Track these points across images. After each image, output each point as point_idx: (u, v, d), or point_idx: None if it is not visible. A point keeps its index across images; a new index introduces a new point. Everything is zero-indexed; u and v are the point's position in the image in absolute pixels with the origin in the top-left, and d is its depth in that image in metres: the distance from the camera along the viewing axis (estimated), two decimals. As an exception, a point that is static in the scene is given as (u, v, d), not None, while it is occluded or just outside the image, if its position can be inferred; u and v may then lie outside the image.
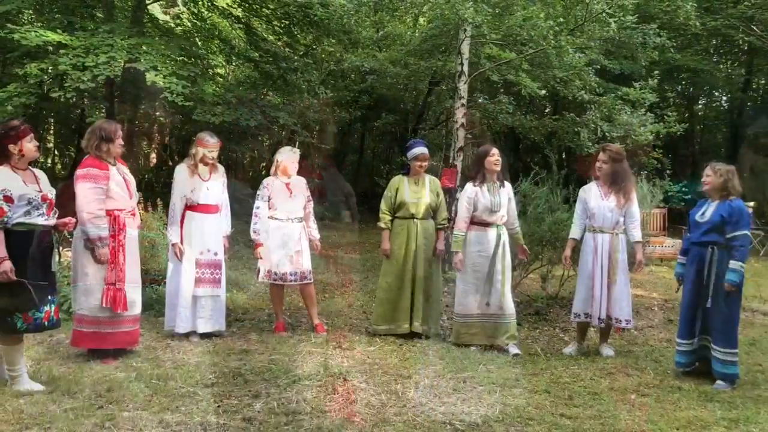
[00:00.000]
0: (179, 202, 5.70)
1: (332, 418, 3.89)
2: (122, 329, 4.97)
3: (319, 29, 13.38)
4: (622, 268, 5.51)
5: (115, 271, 4.83)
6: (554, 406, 4.23)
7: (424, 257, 5.98)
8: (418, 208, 6.00)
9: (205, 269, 5.72)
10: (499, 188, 5.75)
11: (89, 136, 4.91)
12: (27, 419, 3.71)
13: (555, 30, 8.16)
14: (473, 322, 5.72)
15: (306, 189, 6.23)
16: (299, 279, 6.05)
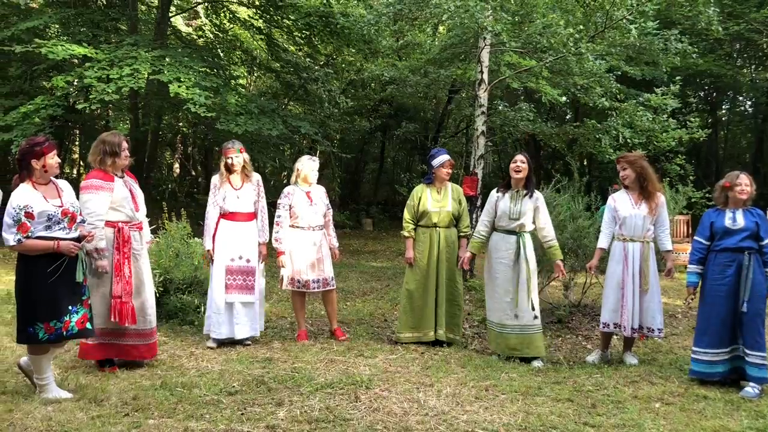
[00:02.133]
0: (212, 210, 5.83)
1: (355, 426, 3.90)
2: (129, 342, 4.99)
3: (339, 39, 13.52)
4: (654, 277, 5.46)
5: (121, 284, 4.86)
6: (577, 414, 4.20)
7: (447, 265, 6.00)
8: (441, 217, 6.02)
9: (237, 276, 5.79)
10: (524, 197, 5.66)
11: (93, 151, 4.94)
12: (55, 426, 3.77)
13: (575, 37, 8.14)
14: (499, 331, 5.67)
15: (326, 197, 6.30)
16: (322, 286, 6.12)
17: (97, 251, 4.71)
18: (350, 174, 22.03)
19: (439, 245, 6.00)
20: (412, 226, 6.13)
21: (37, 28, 11.09)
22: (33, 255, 4.14)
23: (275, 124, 11.40)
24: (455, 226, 6.12)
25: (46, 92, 10.72)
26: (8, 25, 11.02)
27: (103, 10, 13.19)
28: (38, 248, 4.13)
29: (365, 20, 9.91)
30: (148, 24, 14.53)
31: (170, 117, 16.99)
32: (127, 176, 5.08)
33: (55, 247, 4.15)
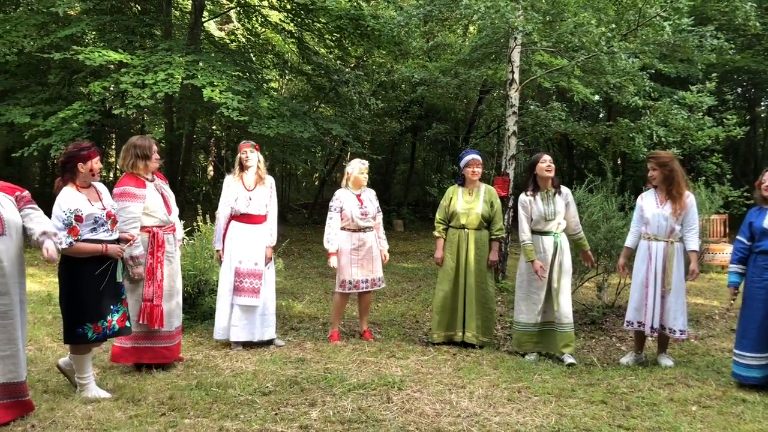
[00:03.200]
0: (224, 211, 5.87)
1: (387, 427, 3.92)
2: (161, 344, 5.07)
3: (369, 41, 13.57)
4: (678, 278, 5.37)
5: (153, 287, 4.93)
6: (611, 417, 4.17)
7: (477, 267, 5.99)
8: (469, 219, 6.02)
9: (245, 278, 5.82)
10: (554, 196, 5.71)
11: (124, 155, 4.99)
12: (95, 425, 3.86)
13: (607, 36, 8.05)
14: (532, 330, 5.73)
15: (376, 200, 6.35)
16: (370, 285, 6.19)
17: (132, 259, 4.78)
18: (381, 175, 22.06)
19: (468, 247, 5.99)
20: (443, 227, 6.16)
21: (75, 35, 11.34)
22: (80, 258, 4.25)
23: (307, 127, 11.49)
24: (487, 229, 6.12)
25: (83, 98, 10.95)
26: (48, 33, 11.29)
27: (138, 17, 13.42)
28: (87, 251, 4.24)
29: (395, 22, 9.94)
30: (181, 29, 14.74)
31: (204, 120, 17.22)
32: (157, 178, 5.15)
33: (104, 250, 4.26)
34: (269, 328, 5.94)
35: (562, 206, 5.70)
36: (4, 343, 3.75)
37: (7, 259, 3.71)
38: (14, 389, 3.82)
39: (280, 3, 14.22)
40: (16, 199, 3.86)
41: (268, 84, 15.87)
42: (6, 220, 3.71)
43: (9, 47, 10.85)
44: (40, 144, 10.39)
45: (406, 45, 13.05)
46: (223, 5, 15.82)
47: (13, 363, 3.80)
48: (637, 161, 13.56)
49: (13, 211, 3.78)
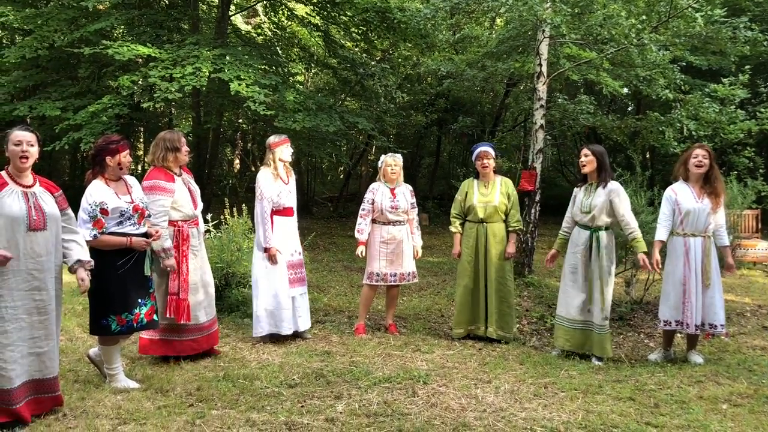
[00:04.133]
0: (268, 207, 5.79)
1: (413, 420, 3.93)
2: (188, 337, 5.11)
3: (396, 34, 13.52)
4: (715, 272, 5.28)
5: (178, 281, 4.99)
6: (639, 414, 4.12)
7: (496, 261, 5.96)
8: (487, 212, 5.99)
9: (297, 270, 5.93)
10: (596, 189, 5.50)
11: (154, 149, 5.05)
12: (124, 414, 3.93)
13: (637, 28, 7.92)
14: (567, 326, 5.56)
15: (411, 195, 6.34)
16: (399, 280, 6.20)
17: (164, 250, 4.84)
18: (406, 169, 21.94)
19: (487, 240, 5.96)
20: (459, 221, 6.17)
21: (104, 30, 11.47)
22: (105, 250, 4.31)
23: (332, 121, 11.50)
24: (505, 221, 6.07)
25: (112, 92, 11.07)
26: (78, 28, 11.43)
27: (166, 10, 13.52)
28: (112, 244, 4.30)
29: (422, 14, 9.88)
30: (208, 23, 14.84)
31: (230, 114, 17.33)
32: (184, 173, 5.20)
33: (128, 243, 4.31)
34: None
35: (601, 200, 5.41)
36: (41, 339, 3.78)
37: (46, 253, 3.76)
38: (48, 385, 3.86)
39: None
40: (56, 200, 3.91)
41: (294, 77, 15.91)
42: (48, 215, 3.77)
43: (40, 42, 11.01)
44: (71, 138, 10.55)
45: (432, 37, 12.98)
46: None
47: (49, 359, 3.84)
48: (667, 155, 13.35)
49: (54, 207, 3.84)
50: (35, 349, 3.76)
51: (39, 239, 3.71)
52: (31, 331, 3.73)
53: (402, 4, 12.35)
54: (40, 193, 3.81)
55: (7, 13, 11.19)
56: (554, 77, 9.74)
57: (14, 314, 3.64)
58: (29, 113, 11.45)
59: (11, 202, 3.63)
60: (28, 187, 3.76)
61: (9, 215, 3.61)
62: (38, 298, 3.74)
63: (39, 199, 3.77)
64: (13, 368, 3.64)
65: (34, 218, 3.68)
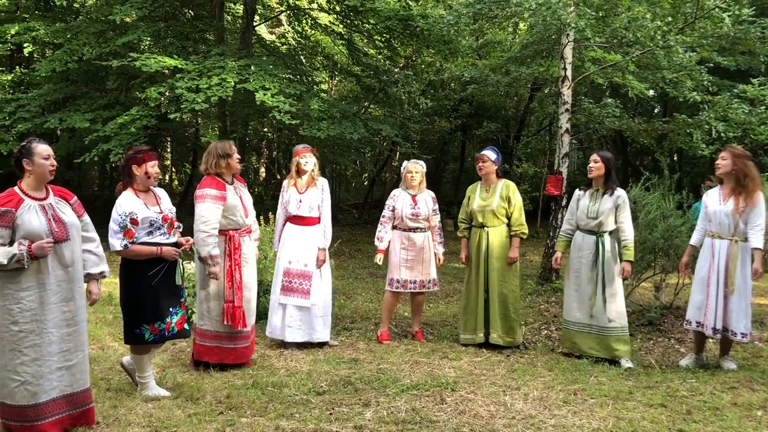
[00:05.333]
0: (280, 212, 6.04)
1: (441, 428, 3.92)
2: (242, 344, 5.21)
3: (418, 41, 13.56)
4: (742, 278, 5.15)
5: (233, 289, 5.07)
6: (671, 420, 4.07)
7: (498, 266, 5.92)
8: (485, 216, 5.97)
9: (294, 279, 5.89)
10: (602, 195, 5.59)
11: (207, 158, 5.15)
12: (156, 423, 3.97)
13: (663, 30, 7.85)
14: (578, 330, 5.66)
15: (433, 202, 6.33)
16: (419, 287, 6.19)
17: (210, 258, 4.91)
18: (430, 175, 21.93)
19: (488, 245, 5.93)
20: (465, 226, 6.19)
21: (131, 42, 11.67)
22: (136, 260, 4.37)
23: (357, 128, 11.55)
24: (508, 226, 6.02)
25: (140, 103, 11.25)
26: (106, 41, 11.65)
27: (191, 22, 13.72)
28: (143, 253, 4.35)
29: (445, 21, 9.90)
30: (233, 33, 15.01)
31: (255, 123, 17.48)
32: (237, 181, 5.27)
33: (159, 253, 4.37)
34: (327, 329, 6.00)
35: (608, 207, 5.51)
36: (71, 352, 3.77)
37: (72, 263, 3.77)
38: (80, 398, 3.85)
39: (330, 5, 14.34)
40: (73, 207, 3.91)
41: (318, 86, 16.01)
42: (69, 225, 3.76)
43: (70, 55, 11.24)
44: (100, 149, 10.74)
45: (455, 43, 13.01)
46: (273, 9, 16.03)
47: (80, 371, 3.83)
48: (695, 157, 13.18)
49: (73, 216, 3.83)
50: (65, 362, 3.74)
51: (65, 250, 3.71)
52: (60, 345, 3.71)
53: (424, 11, 12.39)
54: (56, 204, 3.78)
55: (38, 28, 11.44)
56: (579, 81, 9.68)
57: (44, 328, 3.63)
58: (59, 125, 11.69)
59: (30, 218, 3.60)
60: (43, 200, 3.73)
61: (30, 231, 3.58)
62: (66, 309, 3.74)
63: (57, 210, 3.75)
64: (40, 383, 3.63)
65: (56, 230, 3.67)
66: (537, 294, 8.58)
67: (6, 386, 3.61)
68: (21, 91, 12.89)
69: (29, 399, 3.62)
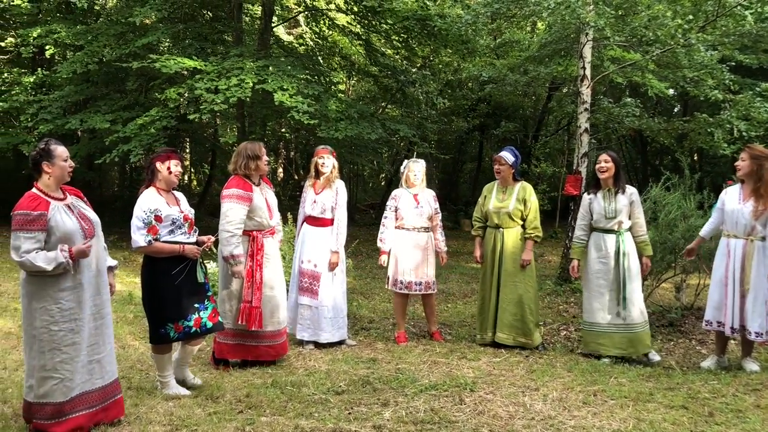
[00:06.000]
0: (300, 212, 6.11)
1: (460, 428, 3.91)
2: (265, 343, 5.23)
3: (436, 41, 13.53)
4: (757, 277, 5.09)
5: (252, 289, 5.09)
6: (693, 422, 4.03)
7: (512, 266, 5.90)
8: (501, 218, 5.95)
9: (306, 279, 5.93)
10: (616, 194, 5.64)
11: (236, 159, 5.19)
12: (176, 421, 4.00)
13: (684, 28, 7.76)
14: (601, 331, 5.65)
15: (434, 201, 6.31)
16: (423, 288, 6.16)
17: (233, 257, 4.94)
18: (448, 174, 21.97)
19: (502, 246, 5.92)
20: (480, 225, 6.16)
21: (151, 44, 11.77)
22: (158, 259, 4.41)
23: (374, 128, 11.56)
24: (523, 227, 6.00)
25: (159, 104, 11.35)
26: (126, 42, 11.76)
27: (210, 23, 13.81)
28: (165, 251, 4.40)
29: (463, 20, 9.87)
30: (251, 35, 15.08)
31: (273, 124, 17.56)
32: (263, 183, 5.31)
33: (181, 251, 4.41)
34: (341, 330, 6.00)
35: (624, 205, 5.61)
36: (100, 345, 3.83)
37: (98, 258, 3.83)
38: (109, 390, 3.90)
39: (348, 6, 14.36)
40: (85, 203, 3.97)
41: (335, 86, 16.05)
42: (93, 221, 3.83)
43: (90, 57, 11.36)
44: (120, 150, 10.84)
45: (473, 43, 12.97)
46: (291, 10, 16.09)
47: (108, 362, 3.89)
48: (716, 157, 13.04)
49: (93, 212, 3.91)
50: (95, 355, 3.81)
51: (93, 246, 3.78)
52: (89, 339, 3.78)
53: (442, 11, 12.37)
54: (77, 203, 3.85)
55: (59, 30, 11.57)
56: (598, 80, 9.61)
57: (81, 326, 3.70)
58: (80, 126, 11.82)
59: (63, 219, 3.66)
60: (63, 200, 3.78)
61: (65, 231, 3.64)
62: (96, 303, 3.82)
63: (81, 209, 3.83)
64: (73, 378, 3.70)
65: (85, 227, 3.75)
66: (556, 294, 8.54)
67: (44, 386, 3.66)
68: (43, 92, 13.04)
69: (66, 394, 3.69)
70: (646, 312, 5.68)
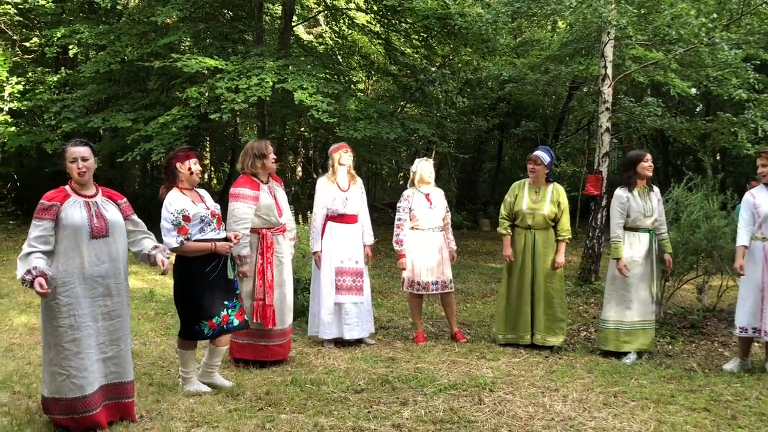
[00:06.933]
0: (320, 212, 5.97)
1: (480, 428, 3.91)
2: (276, 342, 5.24)
3: (456, 40, 13.49)
4: None
5: (264, 287, 5.10)
6: (715, 425, 3.99)
7: (544, 268, 5.84)
8: (535, 220, 5.87)
9: (347, 277, 5.92)
10: (649, 192, 5.69)
11: (243, 157, 5.22)
12: (197, 417, 4.04)
13: (707, 27, 7.67)
14: (632, 329, 5.63)
15: (444, 199, 6.31)
16: (440, 288, 6.14)
17: (240, 257, 4.96)
18: (467, 174, 21.89)
19: (535, 248, 5.86)
20: (508, 224, 6.02)
21: (172, 43, 11.87)
22: (191, 258, 4.45)
23: (393, 128, 11.54)
24: (554, 228, 5.95)
25: (180, 103, 11.43)
26: (147, 42, 11.87)
27: (231, 23, 13.89)
28: (198, 249, 4.44)
29: (483, 19, 9.84)
30: (271, 34, 15.14)
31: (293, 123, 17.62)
32: (272, 181, 5.32)
33: (213, 248, 4.45)
34: (371, 325, 6.05)
35: (656, 203, 5.70)
36: (107, 344, 3.84)
37: (110, 260, 3.82)
38: (119, 390, 3.92)
39: (367, 5, 14.37)
40: (120, 207, 3.98)
41: (355, 86, 16.08)
42: (110, 222, 3.84)
43: (113, 57, 11.49)
44: (142, 148, 10.94)
45: (493, 42, 12.91)
46: (311, 9, 16.14)
47: (114, 364, 3.88)
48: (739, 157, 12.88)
49: (117, 215, 3.91)
50: (101, 354, 3.82)
51: (102, 246, 3.78)
52: (97, 338, 3.79)
53: (462, 10, 12.33)
54: (101, 202, 3.87)
55: (82, 30, 11.71)
56: (620, 79, 9.54)
57: (83, 322, 3.72)
58: (102, 125, 11.95)
59: (73, 213, 3.71)
60: (90, 197, 3.83)
61: (71, 224, 3.69)
62: (103, 303, 3.81)
63: (101, 208, 3.84)
64: (84, 376, 3.72)
65: (96, 226, 3.75)
66: (576, 295, 8.49)
67: (54, 381, 3.73)
68: (66, 91, 13.20)
69: (76, 392, 3.72)
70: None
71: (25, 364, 5.13)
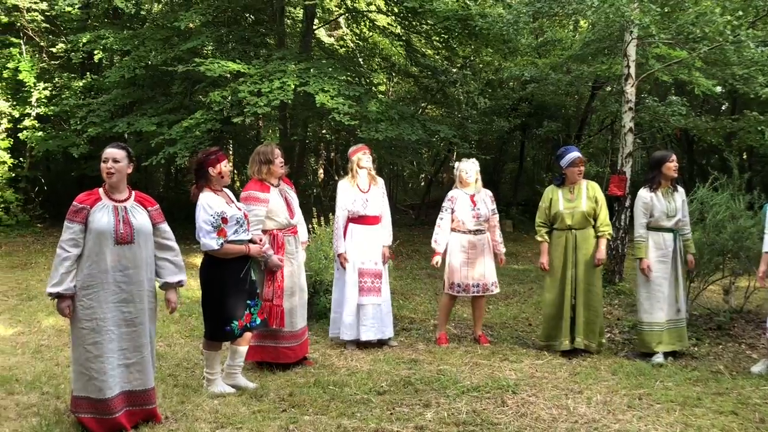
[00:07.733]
0: (342, 214, 5.99)
1: (503, 430, 3.89)
2: (284, 344, 5.23)
3: (477, 40, 13.45)
4: None
5: (273, 287, 5.10)
6: (743, 429, 3.94)
7: (585, 269, 5.78)
8: (575, 219, 5.81)
9: (368, 278, 5.94)
10: (673, 192, 5.70)
11: (251, 163, 5.27)
12: (221, 419, 4.08)
13: (733, 24, 7.56)
14: (660, 330, 5.61)
15: (491, 202, 6.27)
16: (482, 290, 6.14)
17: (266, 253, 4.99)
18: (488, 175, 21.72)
19: (576, 248, 5.79)
20: (545, 230, 5.96)
21: (195, 48, 11.99)
22: (221, 260, 4.50)
23: (414, 129, 11.53)
24: (593, 227, 5.89)
25: (203, 107, 11.54)
26: (171, 47, 11.99)
27: (253, 27, 13.98)
28: (235, 251, 4.52)
29: (504, 20, 9.79)
30: (293, 37, 15.21)
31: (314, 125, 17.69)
32: (283, 183, 5.35)
33: (246, 250, 4.52)
34: (389, 327, 6.05)
35: (680, 203, 5.70)
36: (129, 351, 3.88)
37: (134, 267, 3.85)
38: (141, 397, 3.94)
39: (388, 7, 14.39)
40: (150, 214, 4.01)
41: (376, 87, 16.09)
42: (136, 229, 3.86)
43: (137, 62, 11.63)
44: (166, 152, 11.06)
45: (514, 42, 12.84)
46: (332, 12, 16.19)
47: (137, 371, 3.91)
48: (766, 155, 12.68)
49: (145, 221, 3.93)
50: (123, 360, 3.86)
51: (126, 253, 3.81)
52: (119, 343, 3.84)
53: (483, 11, 12.29)
54: (131, 208, 3.90)
55: (107, 36, 11.87)
56: (643, 78, 9.44)
57: (104, 326, 3.77)
58: (127, 129, 12.09)
59: (100, 217, 3.77)
60: (120, 202, 3.88)
61: (97, 229, 3.75)
62: (126, 310, 3.84)
63: (129, 214, 3.86)
64: (104, 380, 3.77)
65: (121, 232, 3.79)
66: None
67: (80, 380, 3.82)
68: (91, 96, 13.37)
69: (98, 393, 3.79)
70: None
71: (54, 365, 5.22)
